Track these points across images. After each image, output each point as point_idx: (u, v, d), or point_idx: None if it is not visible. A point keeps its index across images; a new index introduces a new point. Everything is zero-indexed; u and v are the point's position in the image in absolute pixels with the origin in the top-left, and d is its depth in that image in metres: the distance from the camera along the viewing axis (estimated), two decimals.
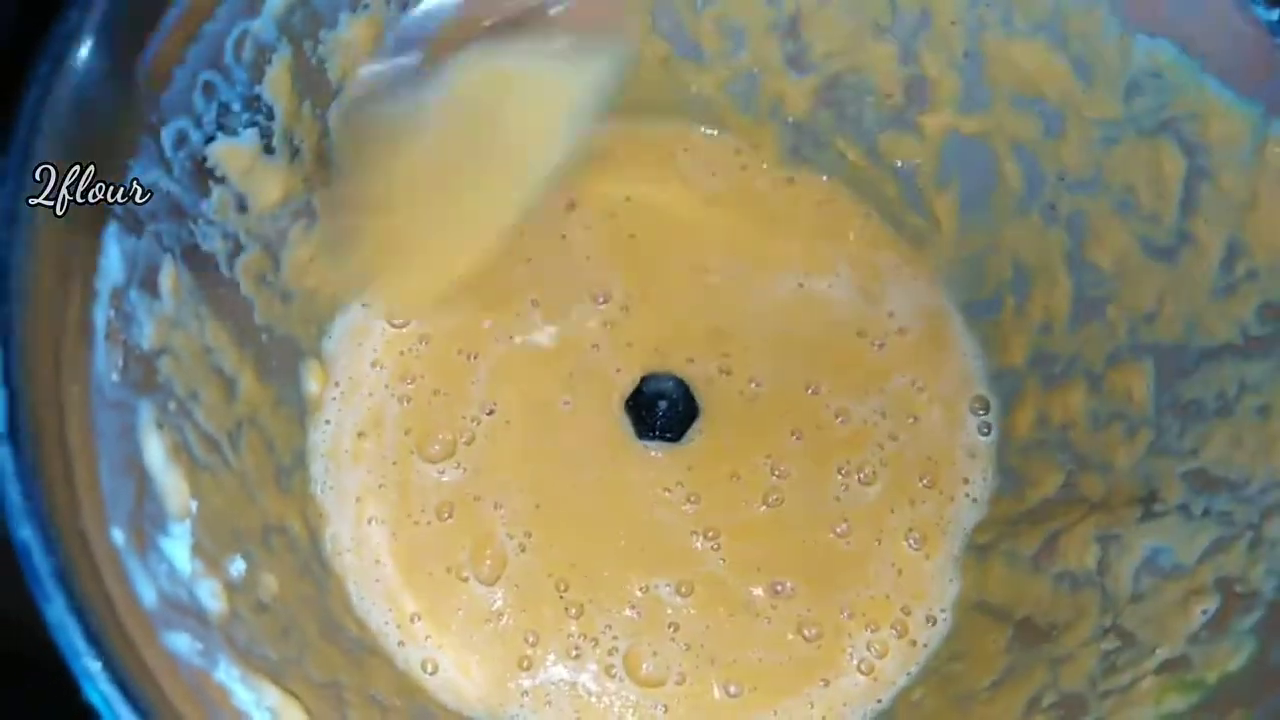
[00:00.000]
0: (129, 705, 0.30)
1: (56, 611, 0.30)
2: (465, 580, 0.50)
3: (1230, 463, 0.41)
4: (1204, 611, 0.39)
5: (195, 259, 0.42)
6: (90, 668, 0.30)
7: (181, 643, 0.34)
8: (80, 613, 0.30)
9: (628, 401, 0.53)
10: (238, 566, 0.40)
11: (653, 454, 0.52)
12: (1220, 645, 0.38)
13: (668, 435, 0.53)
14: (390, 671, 0.48)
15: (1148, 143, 0.43)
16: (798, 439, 0.53)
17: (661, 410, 0.53)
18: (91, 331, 0.35)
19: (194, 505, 0.38)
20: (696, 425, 0.53)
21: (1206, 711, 0.37)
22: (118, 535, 0.34)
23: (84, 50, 0.35)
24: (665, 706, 0.49)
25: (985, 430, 0.53)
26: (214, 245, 0.43)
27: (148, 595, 0.34)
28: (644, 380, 0.53)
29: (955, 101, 0.50)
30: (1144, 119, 0.43)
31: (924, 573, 0.51)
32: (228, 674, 0.36)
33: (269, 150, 0.44)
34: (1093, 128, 0.45)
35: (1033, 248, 0.50)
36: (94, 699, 0.30)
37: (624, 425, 0.53)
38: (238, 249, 0.44)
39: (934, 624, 0.50)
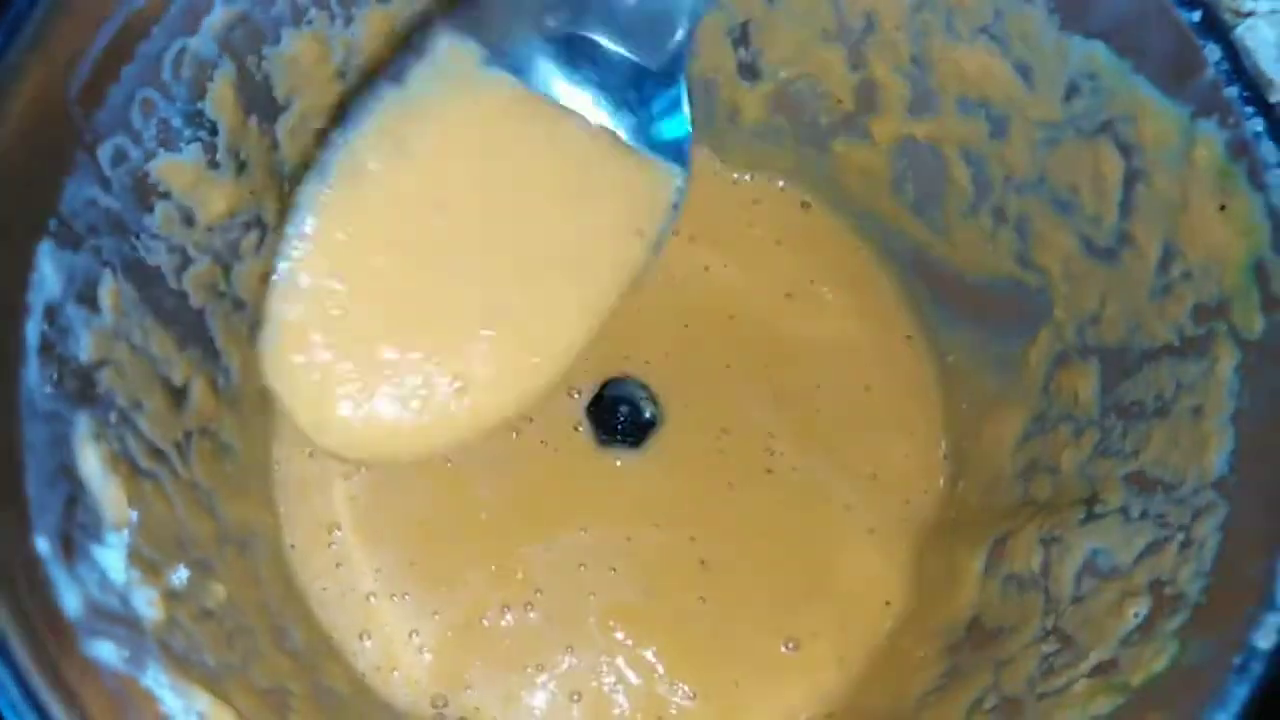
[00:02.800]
0: (37, 715, 0.30)
1: None
2: (429, 583, 0.51)
3: (1166, 464, 0.41)
4: (1136, 614, 0.39)
5: (138, 272, 0.42)
6: None
7: (106, 650, 0.34)
8: None
9: (589, 406, 0.53)
10: (180, 575, 0.40)
11: (617, 463, 0.53)
12: (1147, 648, 0.38)
13: (629, 440, 0.53)
14: (345, 674, 0.48)
15: (1088, 144, 0.43)
16: (749, 442, 0.53)
17: (623, 415, 0.53)
18: (23, 345, 0.36)
19: (134, 515, 0.38)
20: (657, 430, 0.53)
21: (1127, 714, 0.37)
22: (42, 544, 0.34)
23: (13, 69, 0.36)
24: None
25: (937, 435, 0.53)
26: (160, 258, 0.43)
27: (72, 603, 0.34)
28: (605, 385, 0.54)
29: (904, 106, 0.50)
30: (1083, 120, 0.43)
31: (873, 575, 0.51)
32: (155, 680, 0.36)
33: (214, 165, 0.44)
34: (1035, 129, 0.45)
35: (984, 250, 0.50)
36: (2, 707, 0.30)
37: (585, 433, 0.53)
38: (186, 261, 0.45)
39: (880, 627, 0.50)
